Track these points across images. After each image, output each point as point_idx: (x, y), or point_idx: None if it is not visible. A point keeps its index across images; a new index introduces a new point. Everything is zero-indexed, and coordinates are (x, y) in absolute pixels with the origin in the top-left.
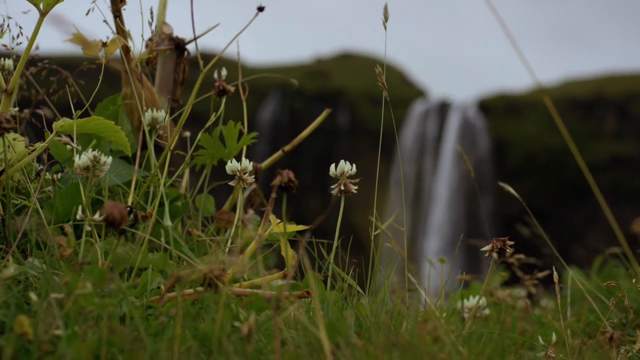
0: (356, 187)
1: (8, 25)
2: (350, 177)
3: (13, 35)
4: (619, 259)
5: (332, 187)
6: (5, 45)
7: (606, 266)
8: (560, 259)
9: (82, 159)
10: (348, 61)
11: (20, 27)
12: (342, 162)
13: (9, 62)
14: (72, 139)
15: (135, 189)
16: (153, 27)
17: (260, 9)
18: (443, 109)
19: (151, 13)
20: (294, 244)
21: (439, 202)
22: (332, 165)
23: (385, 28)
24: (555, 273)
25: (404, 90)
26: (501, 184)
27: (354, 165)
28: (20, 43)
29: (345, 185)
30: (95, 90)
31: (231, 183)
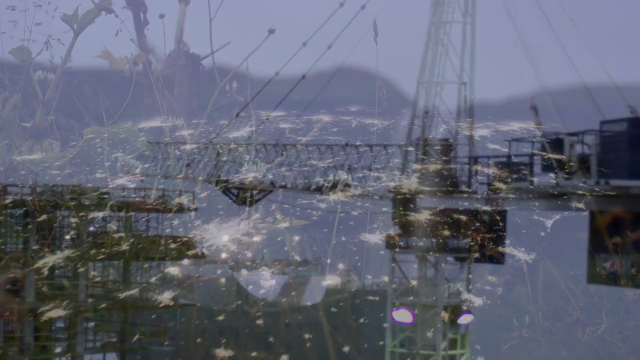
0: (351, 194)
1: (47, 43)
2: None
3: (52, 53)
4: (591, 253)
5: (331, 192)
6: (51, 62)
7: (575, 258)
8: (541, 248)
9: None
10: (345, 74)
11: (59, 40)
12: (339, 172)
13: (52, 76)
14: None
15: None
16: (173, 45)
17: (271, 31)
18: (429, 117)
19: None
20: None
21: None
22: (330, 175)
23: (376, 42)
24: (524, 265)
25: (394, 100)
26: (496, 182)
27: (350, 177)
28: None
29: (341, 191)
30: (126, 102)
31: (247, 181)
